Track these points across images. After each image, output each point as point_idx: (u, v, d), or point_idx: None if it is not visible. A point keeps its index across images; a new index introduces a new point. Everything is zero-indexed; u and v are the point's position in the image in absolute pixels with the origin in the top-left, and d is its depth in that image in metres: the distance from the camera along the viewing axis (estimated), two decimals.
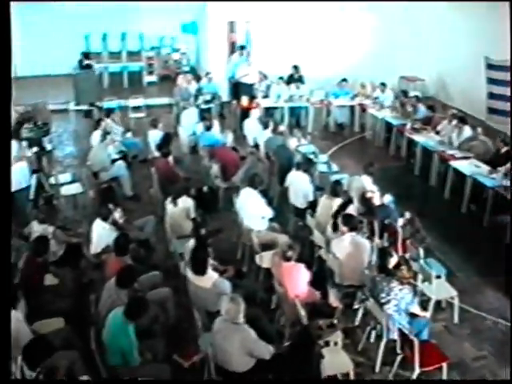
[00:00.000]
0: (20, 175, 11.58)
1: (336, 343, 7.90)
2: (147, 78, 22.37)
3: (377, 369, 8.07)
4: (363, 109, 17.64)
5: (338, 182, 10.65)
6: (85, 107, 18.40)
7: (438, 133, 14.59)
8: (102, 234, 9.47)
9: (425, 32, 20.05)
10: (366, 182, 10.89)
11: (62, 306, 8.40)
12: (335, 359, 7.50)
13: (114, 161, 12.80)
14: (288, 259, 8.29)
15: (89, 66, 18.93)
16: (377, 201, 10.31)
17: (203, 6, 20.47)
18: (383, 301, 7.85)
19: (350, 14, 20.04)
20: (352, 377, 7.57)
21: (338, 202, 10.04)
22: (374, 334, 8.53)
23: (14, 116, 14.97)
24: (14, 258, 9.23)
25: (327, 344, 7.77)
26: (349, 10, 19.96)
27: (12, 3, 7.57)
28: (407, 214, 10.01)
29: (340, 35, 19.88)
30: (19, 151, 11.85)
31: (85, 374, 7.14)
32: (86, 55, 18.87)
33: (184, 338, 8.33)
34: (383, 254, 8.42)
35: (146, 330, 7.71)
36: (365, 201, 10.31)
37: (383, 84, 17.59)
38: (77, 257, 9.67)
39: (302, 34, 19.53)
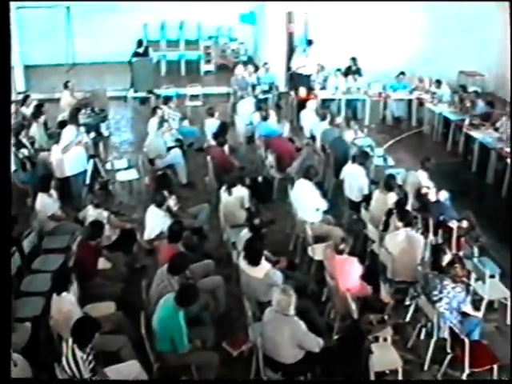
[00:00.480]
0: (77, 160, 11.75)
1: (385, 339, 7.83)
2: (204, 67, 22.40)
3: (425, 367, 7.94)
4: (421, 103, 17.34)
5: (391, 176, 10.51)
6: (142, 94, 18.56)
7: (496, 129, 14.25)
8: (155, 220, 9.54)
9: (485, 26, 19.60)
10: (422, 178, 10.73)
11: (114, 290, 8.52)
12: (384, 355, 7.42)
13: (169, 148, 12.86)
14: (341, 252, 8.23)
15: (145, 54, 19.01)
16: (432, 197, 10.14)
17: None
18: (435, 298, 7.74)
19: (410, 6, 19.71)
20: (400, 374, 7.48)
21: (392, 197, 9.92)
22: (424, 331, 8.37)
23: (72, 102, 15.18)
24: (68, 242, 9.39)
25: (376, 339, 7.70)
26: (408, 3, 19.64)
27: None
28: (464, 212, 9.83)
29: (399, 27, 19.55)
30: (77, 137, 11.95)
31: (133, 358, 7.23)
32: (140, 43, 18.96)
33: (233, 326, 8.36)
34: (437, 251, 8.30)
35: (196, 318, 7.76)
36: (420, 196, 10.16)
37: (438, 81, 17.25)
38: (130, 242, 9.76)
39: (361, 25, 19.29)
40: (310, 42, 17.84)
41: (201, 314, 7.96)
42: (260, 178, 12.28)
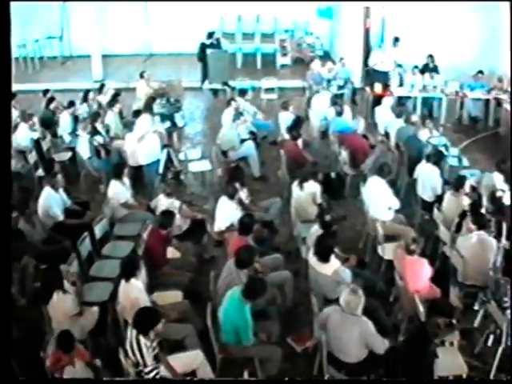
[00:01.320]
0: (151, 149, 11.89)
1: (452, 343, 7.63)
2: (280, 61, 22.32)
3: (492, 375, 7.72)
4: (499, 103, 16.85)
5: (462, 177, 10.27)
6: (217, 86, 18.65)
7: None
8: (227, 212, 9.57)
9: None
10: (497, 180, 10.46)
11: (182, 279, 8.57)
12: (449, 360, 7.25)
13: (243, 140, 12.88)
14: (411, 253, 8.10)
15: (217, 46, 19.07)
16: (507, 200, 9.89)
17: None
18: (505, 305, 7.56)
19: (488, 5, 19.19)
20: None
21: (465, 199, 9.72)
22: (492, 338, 8.14)
23: (148, 91, 15.38)
24: (139, 230, 9.50)
25: (443, 343, 7.51)
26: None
27: None
28: None
29: (478, 24, 19.06)
30: (151, 126, 12.09)
31: (197, 348, 7.28)
32: (210, 34, 19.02)
33: (299, 322, 8.33)
34: (510, 256, 8.08)
35: (263, 311, 7.76)
36: (494, 199, 9.91)
37: None
38: (200, 233, 9.83)
39: (438, 22, 18.85)
40: (396, 39, 17.54)
41: (267, 308, 7.96)
42: (333, 174, 12.17)
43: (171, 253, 9.04)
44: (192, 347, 7.36)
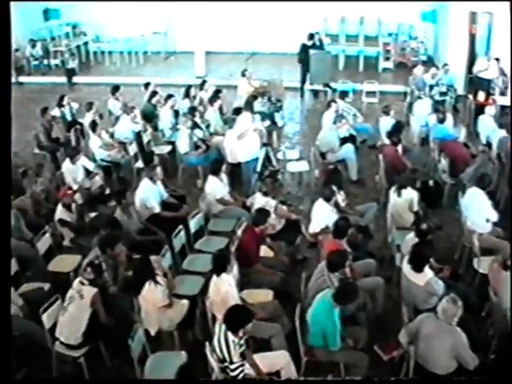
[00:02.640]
0: (250, 147, 11.91)
1: None
2: (383, 64, 22.09)
3: None
4: None
5: None
6: (318, 87, 18.58)
7: None
8: (322, 214, 9.47)
9: None
10: None
11: (273, 278, 8.55)
12: None
13: (342, 143, 12.78)
14: (508, 268, 7.82)
15: (320, 47, 18.97)
16: None
17: None
18: None
19: None
20: None
21: None
22: None
23: (249, 89, 15.47)
24: (234, 226, 9.55)
25: None
26: None
27: None
28: None
29: None
30: (252, 124, 12.14)
31: (284, 348, 7.26)
32: (312, 36, 18.91)
33: (388, 330, 8.16)
34: None
35: (352, 316, 7.66)
36: None
37: None
38: (294, 233, 9.78)
39: None
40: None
41: (357, 314, 7.85)
42: (431, 182, 11.91)
43: (264, 251, 9.04)
44: (278, 347, 7.34)
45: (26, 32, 23.08)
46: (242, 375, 6.70)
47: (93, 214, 10.34)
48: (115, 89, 15.32)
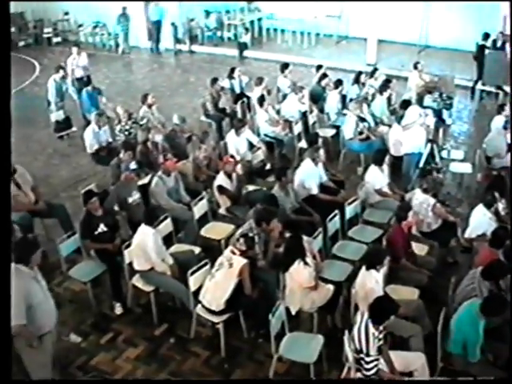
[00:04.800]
0: (415, 141, 11.68)
1: None
2: None
3: None
4: None
5: None
6: (490, 88, 17.88)
7: None
8: (481, 220, 9.12)
9: None
10: None
11: (421, 278, 8.36)
12: None
13: (510, 149, 12.26)
14: None
15: (501, 48, 18.19)
16: None
17: None
18: None
19: None
20: None
21: None
22: None
23: (419, 83, 15.17)
24: (389, 219, 9.43)
25: None
26: None
27: None
28: None
29: None
30: (419, 118, 11.89)
31: (421, 350, 7.12)
32: (487, 35, 18.13)
33: None
34: None
35: (497, 330, 7.36)
36: None
37: None
38: (449, 235, 9.41)
39: None
40: None
41: (502, 328, 7.53)
42: None
43: (416, 248, 8.86)
44: (416, 348, 7.21)
45: (202, 3, 23.77)
46: (375, 369, 6.62)
47: (251, 187, 10.55)
48: (285, 66, 15.44)
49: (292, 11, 23.39)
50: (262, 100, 13.20)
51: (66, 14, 26.17)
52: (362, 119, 12.59)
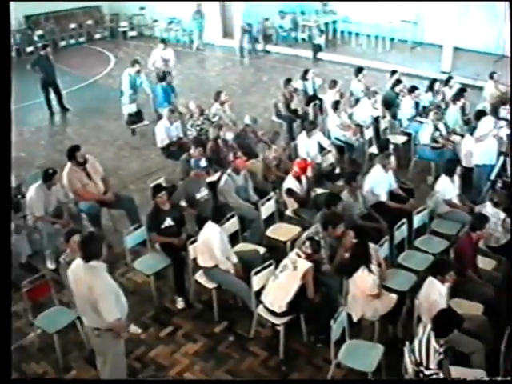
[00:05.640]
0: (486, 152, 11.42)
1: None
2: None
3: None
4: None
5: None
6: None
7: None
8: None
9: None
10: None
11: (486, 291, 8.17)
12: None
13: None
14: None
15: None
16: None
17: None
18: None
19: None
20: None
21: None
22: None
23: (495, 93, 14.88)
24: (457, 231, 9.26)
25: None
26: None
27: None
28: None
29: None
30: (494, 129, 11.65)
31: (482, 368, 6.96)
32: None
33: None
34: None
35: None
36: None
37: None
38: None
39: None
40: None
41: None
42: None
43: (483, 262, 8.70)
44: (477, 366, 7.04)
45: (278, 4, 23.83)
46: None
47: (319, 190, 10.52)
48: (359, 70, 15.34)
49: (367, 15, 23.25)
50: (336, 105, 13.17)
51: (142, 8, 26.66)
52: (436, 128, 12.42)
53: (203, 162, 10.20)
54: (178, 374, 7.85)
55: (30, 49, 24.13)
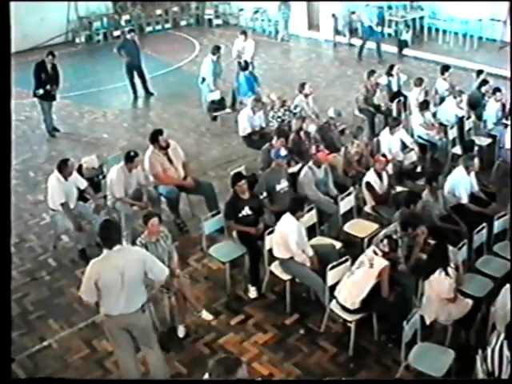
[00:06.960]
0: None
1: None
2: None
3: None
4: None
5: None
6: None
7: None
8: None
9: None
10: None
11: None
12: None
13: None
14: None
15: None
16: None
17: None
18: None
19: None
20: None
21: None
22: None
23: None
24: None
25: None
26: None
27: None
28: None
29: None
30: None
31: None
32: None
33: None
34: None
35: None
36: None
37: None
38: None
39: None
40: None
41: None
42: None
43: None
44: None
45: None
46: None
47: (399, 188, 10.43)
48: (445, 68, 15.01)
49: (456, 12, 22.77)
50: (425, 105, 12.97)
51: None
52: None
53: (283, 151, 10.19)
54: (246, 363, 7.84)
55: (116, 33, 24.67)
